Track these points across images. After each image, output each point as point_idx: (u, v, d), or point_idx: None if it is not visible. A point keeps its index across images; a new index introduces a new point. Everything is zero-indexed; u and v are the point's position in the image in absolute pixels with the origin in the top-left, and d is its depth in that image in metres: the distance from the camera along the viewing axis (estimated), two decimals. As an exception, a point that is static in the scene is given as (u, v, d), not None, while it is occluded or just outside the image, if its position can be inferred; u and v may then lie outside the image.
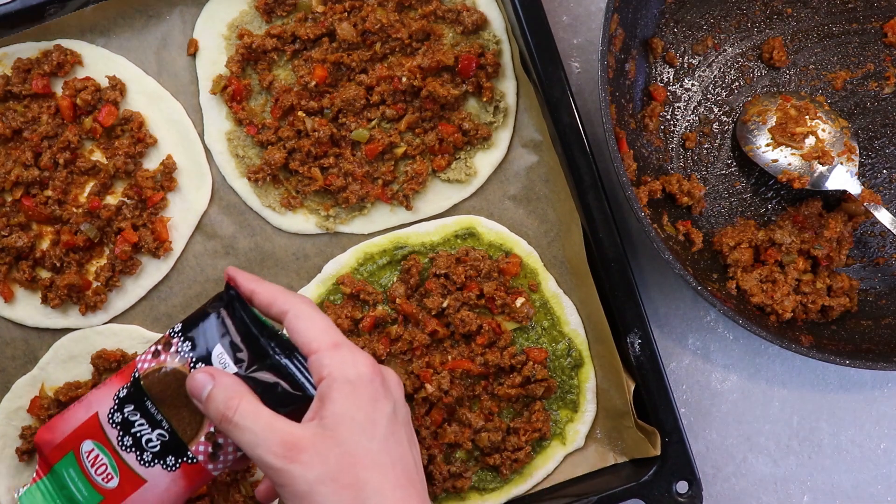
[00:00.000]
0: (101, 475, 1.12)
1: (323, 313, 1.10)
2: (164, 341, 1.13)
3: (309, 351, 1.05)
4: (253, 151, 1.45)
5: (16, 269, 1.43)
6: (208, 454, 1.10)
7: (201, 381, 1.06)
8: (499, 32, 1.45)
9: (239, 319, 1.12)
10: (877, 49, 1.52)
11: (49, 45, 1.43)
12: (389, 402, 1.05)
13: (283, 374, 1.09)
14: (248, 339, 1.11)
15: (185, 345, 1.11)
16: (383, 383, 1.06)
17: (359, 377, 1.03)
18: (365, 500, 0.99)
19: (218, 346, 1.10)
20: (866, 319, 1.48)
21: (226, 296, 1.13)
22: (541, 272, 1.46)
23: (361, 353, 1.07)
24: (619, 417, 1.45)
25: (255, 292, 1.12)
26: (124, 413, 1.12)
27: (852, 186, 1.44)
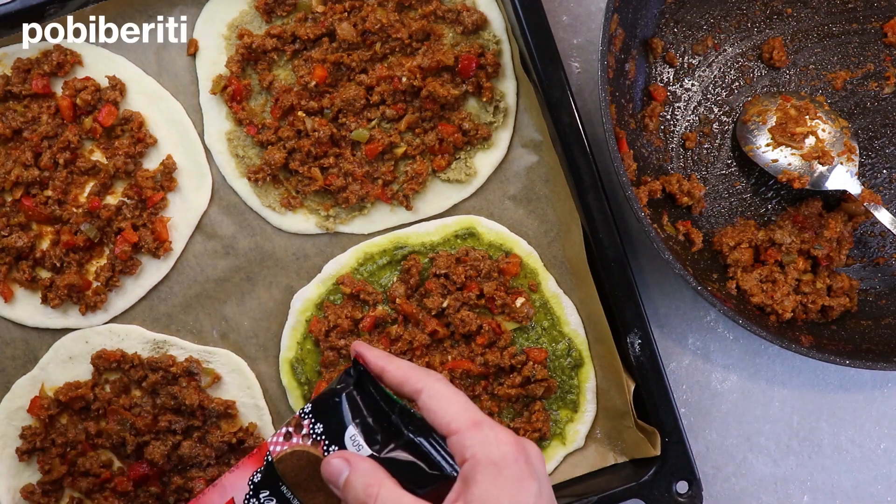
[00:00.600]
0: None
1: (457, 390, 1.06)
2: (295, 423, 1.11)
3: (448, 431, 1.02)
4: (253, 151, 1.45)
5: (16, 269, 1.43)
6: None
7: (337, 466, 1.03)
8: (499, 32, 1.45)
9: (369, 397, 1.09)
10: (877, 49, 1.52)
11: (49, 44, 1.43)
12: (534, 481, 1.00)
13: (419, 453, 1.05)
14: (380, 417, 1.08)
15: (317, 426, 1.09)
16: (527, 461, 1.01)
17: (503, 458, 0.99)
18: None
19: (350, 427, 1.07)
20: (866, 319, 1.48)
21: (354, 373, 1.11)
22: (541, 272, 1.46)
23: (503, 430, 1.02)
24: (619, 417, 1.45)
25: (385, 370, 1.09)
26: (260, 498, 1.11)
27: (852, 186, 1.44)
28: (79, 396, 1.41)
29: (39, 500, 1.42)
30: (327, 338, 1.43)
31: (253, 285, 1.46)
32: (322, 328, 1.43)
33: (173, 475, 1.43)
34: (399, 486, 1.00)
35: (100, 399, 1.42)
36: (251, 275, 1.46)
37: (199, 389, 1.43)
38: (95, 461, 1.42)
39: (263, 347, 1.46)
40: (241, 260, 1.46)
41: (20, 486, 1.43)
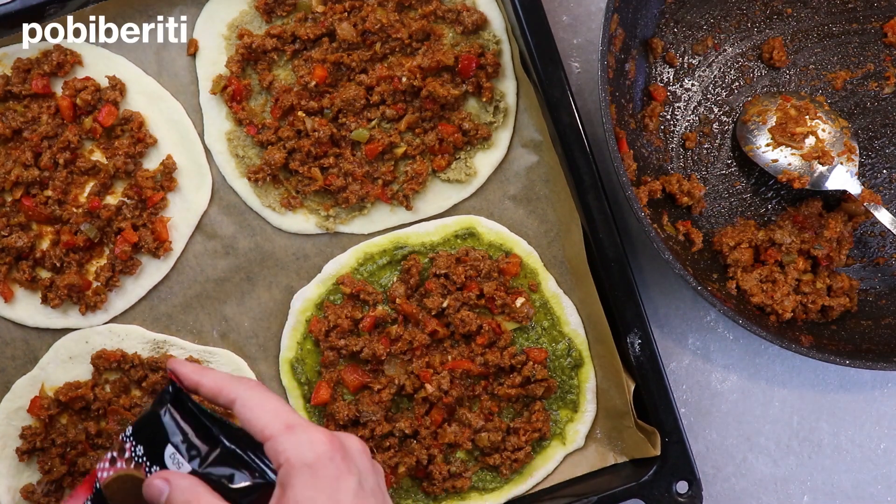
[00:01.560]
0: None
1: (272, 394, 1.07)
2: (119, 447, 1.10)
3: (263, 437, 1.02)
4: (253, 151, 1.45)
5: (16, 269, 1.43)
6: None
7: (157, 487, 1.03)
8: (499, 32, 1.45)
9: (187, 413, 1.09)
10: (877, 49, 1.52)
11: (49, 44, 1.43)
12: (353, 475, 1.01)
13: (240, 463, 1.05)
14: (200, 431, 1.08)
15: (137, 448, 1.09)
16: (344, 457, 1.02)
17: (317, 458, 1.00)
18: None
19: (169, 446, 1.07)
20: (866, 319, 1.48)
21: (172, 391, 1.11)
22: (541, 272, 1.46)
23: (317, 430, 1.02)
24: (619, 417, 1.45)
25: (199, 384, 1.09)
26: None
27: (852, 186, 1.44)
28: (79, 396, 1.41)
29: (39, 500, 1.42)
30: (327, 338, 1.43)
31: (253, 285, 1.46)
32: (322, 328, 1.43)
33: (173, 475, 1.43)
34: (220, 498, 1.01)
35: (100, 399, 1.42)
36: (251, 275, 1.46)
37: (199, 389, 1.43)
38: (95, 461, 1.42)
39: (263, 347, 1.46)
40: (241, 260, 1.46)
41: (20, 485, 1.43)
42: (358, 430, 1.42)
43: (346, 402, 1.43)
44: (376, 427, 1.42)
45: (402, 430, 1.42)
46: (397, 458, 1.43)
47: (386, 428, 1.42)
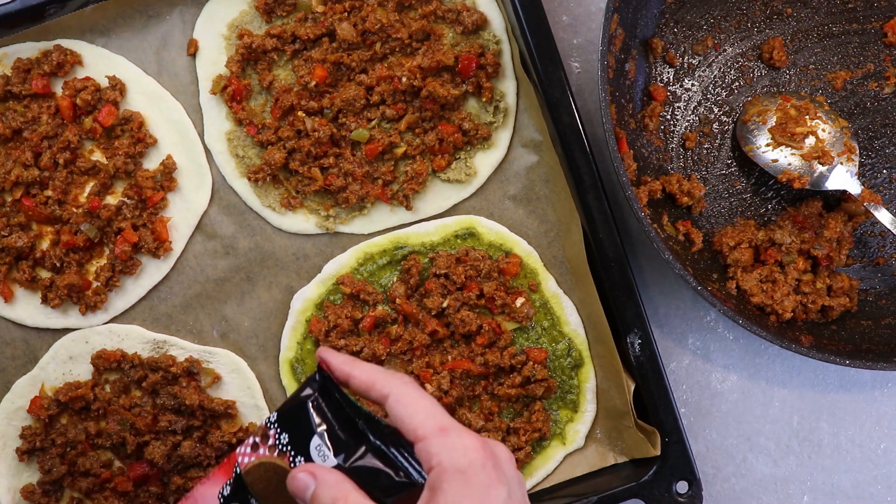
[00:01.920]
0: None
1: (426, 393, 1.04)
2: (262, 433, 1.09)
3: (415, 438, 0.99)
4: (253, 151, 1.45)
5: (16, 269, 1.43)
6: None
7: (304, 481, 1.01)
8: (499, 32, 1.45)
9: (335, 404, 1.07)
10: (877, 49, 1.52)
11: (49, 45, 1.43)
12: (503, 486, 0.98)
13: (386, 461, 1.03)
14: (346, 424, 1.06)
15: (282, 437, 1.07)
16: (496, 465, 0.99)
17: (470, 465, 0.97)
18: None
19: (315, 437, 1.05)
20: (866, 319, 1.48)
21: (319, 380, 1.09)
22: (541, 272, 1.46)
23: (470, 435, 1.00)
24: (619, 417, 1.45)
25: (351, 376, 1.06)
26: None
27: (852, 186, 1.44)
28: (79, 396, 1.41)
29: (39, 500, 1.42)
30: (327, 338, 1.43)
31: (253, 285, 1.46)
32: (322, 328, 1.43)
33: (173, 475, 1.43)
34: (366, 496, 0.99)
35: (100, 399, 1.42)
36: (251, 275, 1.46)
37: (199, 390, 1.43)
38: (95, 461, 1.42)
39: (263, 347, 1.46)
40: (241, 260, 1.46)
41: (20, 485, 1.43)
42: (358, 430, 1.42)
43: (346, 402, 1.43)
44: (376, 427, 1.42)
45: (402, 431, 1.42)
46: (397, 458, 1.43)
47: (386, 428, 1.42)
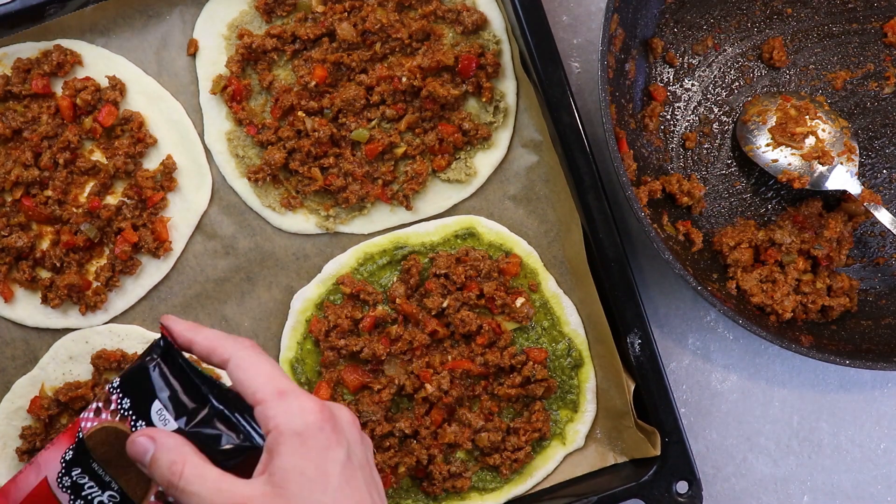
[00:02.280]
0: None
1: (267, 357, 1.04)
2: (104, 397, 1.07)
3: (254, 401, 1.00)
4: (253, 151, 1.45)
5: (16, 269, 1.43)
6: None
7: (142, 445, 1.00)
8: (499, 32, 1.45)
9: (177, 369, 1.06)
10: (877, 49, 1.52)
11: (49, 45, 1.43)
12: (342, 447, 0.99)
13: (229, 424, 1.02)
14: (189, 389, 1.05)
15: (124, 401, 1.06)
16: (334, 428, 0.99)
17: (306, 427, 0.97)
18: None
19: (157, 401, 1.04)
20: (866, 319, 1.48)
21: (163, 345, 1.08)
22: (541, 272, 1.46)
23: (309, 398, 1.00)
24: (619, 417, 1.45)
25: (193, 342, 1.06)
26: (72, 476, 1.07)
27: (852, 186, 1.44)
28: (79, 396, 1.41)
29: (40, 500, 1.42)
30: (327, 338, 1.43)
31: (253, 285, 1.46)
32: (322, 328, 1.43)
33: (173, 475, 1.43)
34: (206, 460, 0.99)
35: (100, 399, 1.42)
36: (251, 275, 1.46)
37: (199, 389, 1.43)
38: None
39: (263, 347, 1.45)
40: (241, 260, 1.46)
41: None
42: (358, 430, 1.42)
43: (346, 401, 1.43)
44: (376, 427, 1.42)
45: (402, 430, 1.42)
46: (397, 458, 1.43)
47: (386, 428, 1.42)
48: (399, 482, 1.44)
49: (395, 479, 1.43)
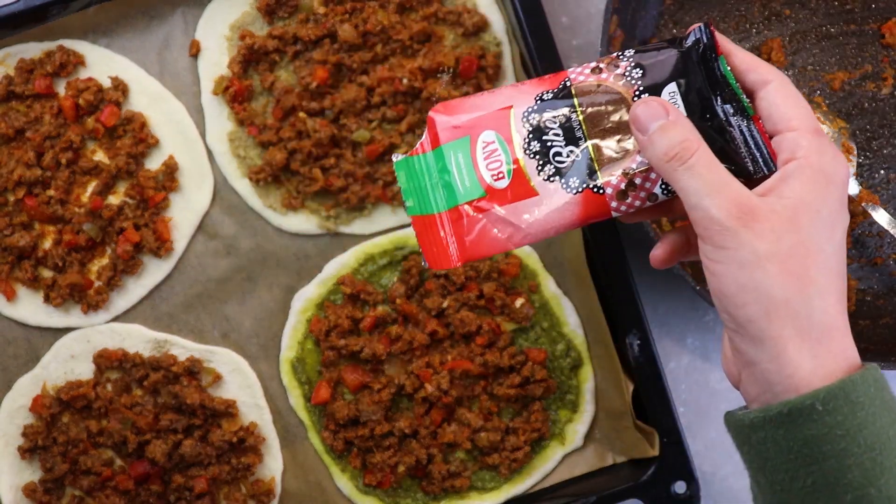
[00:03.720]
0: (491, 171, 0.98)
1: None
2: (609, 61, 0.98)
3: (787, 128, 0.90)
4: (254, 152, 1.45)
5: (18, 269, 1.44)
6: (618, 190, 0.95)
7: (656, 111, 0.91)
8: (499, 34, 1.45)
9: (708, 70, 0.96)
10: (874, 50, 1.52)
11: (52, 45, 1.44)
12: (848, 216, 0.90)
13: (728, 141, 0.94)
14: (700, 93, 0.95)
15: (635, 71, 0.96)
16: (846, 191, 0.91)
17: (836, 174, 0.88)
18: (810, 297, 0.85)
19: (672, 84, 0.96)
20: (864, 319, 1.48)
21: (698, 38, 0.97)
22: (540, 273, 1.46)
23: (842, 155, 0.91)
24: (617, 418, 1.45)
25: (732, 53, 0.96)
26: (542, 116, 0.98)
27: (850, 186, 1.44)
28: (80, 395, 1.42)
29: (41, 499, 1.42)
30: (327, 337, 1.43)
31: (254, 285, 1.46)
32: (322, 328, 1.43)
33: (174, 474, 1.43)
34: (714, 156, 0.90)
35: (101, 398, 1.43)
36: (252, 275, 1.46)
37: (200, 389, 1.44)
38: (97, 460, 1.42)
39: (264, 347, 1.47)
40: (243, 260, 1.46)
41: (22, 483, 1.43)
42: (358, 429, 1.43)
43: (346, 401, 1.44)
44: (376, 427, 1.42)
45: (401, 430, 1.42)
46: (397, 457, 1.43)
47: (385, 427, 1.42)
48: (398, 481, 1.45)
49: (395, 479, 1.44)
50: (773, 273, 0.84)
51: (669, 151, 0.89)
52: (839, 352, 0.86)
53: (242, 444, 1.43)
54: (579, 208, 0.96)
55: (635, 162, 0.95)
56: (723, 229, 0.86)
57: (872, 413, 0.83)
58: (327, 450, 1.46)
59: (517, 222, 0.97)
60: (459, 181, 0.98)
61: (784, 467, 0.86)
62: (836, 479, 0.84)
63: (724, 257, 0.86)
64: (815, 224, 0.86)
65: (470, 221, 0.98)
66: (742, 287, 0.86)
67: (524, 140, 0.97)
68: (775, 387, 0.86)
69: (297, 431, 1.47)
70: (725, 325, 0.90)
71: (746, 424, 0.89)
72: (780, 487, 0.88)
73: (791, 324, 0.85)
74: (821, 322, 0.85)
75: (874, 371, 0.85)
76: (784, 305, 0.84)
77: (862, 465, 0.83)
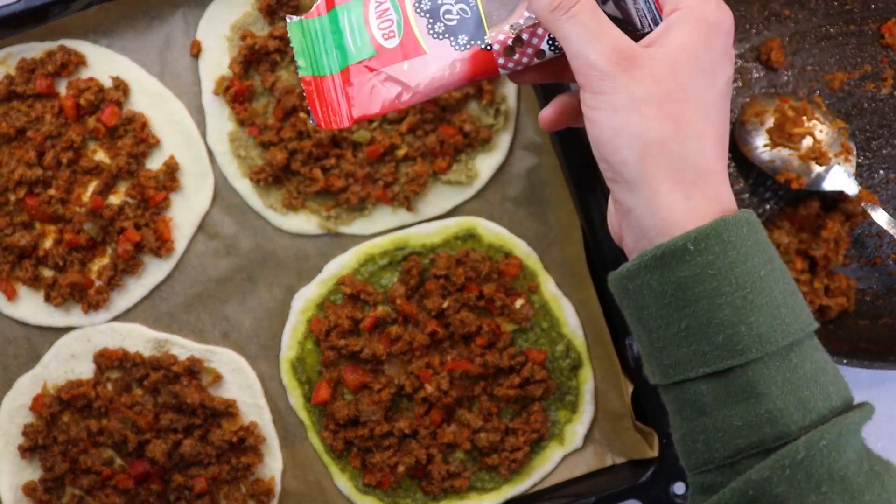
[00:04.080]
0: (382, 30, 0.98)
1: None
2: None
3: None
4: (255, 152, 1.46)
5: (19, 268, 1.44)
6: (505, 46, 0.95)
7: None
8: (499, 35, 1.45)
9: None
10: (874, 50, 1.53)
11: (53, 45, 1.44)
12: (732, 66, 0.90)
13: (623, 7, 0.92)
14: None
15: None
16: (731, 41, 0.90)
17: (719, 23, 0.87)
18: (685, 139, 0.85)
19: None
20: (864, 319, 1.48)
21: None
22: (540, 274, 1.46)
23: (726, 6, 0.90)
24: (617, 419, 1.45)
25: None
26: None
27: (849, 187, 1.44)
28: (80, 394, 1.42)
29: (41, 497, 1.42)
30: (327, 337, 1.43)
31: (254, 285, 1.47)
32: (322, 328, 1.43)
33: (174, 473, 1.43)
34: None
35: (101, 397, 1.43)
36: (252, 275, 1.47)
37: (201, 388, 1.44)
38: (97, 459, 1.42)
39: (264, 347, 1.47)
40: (243, 260, 1.47)
41: (22, 482, 1.44)
42: (357, 429, 1.43)
43: (346, 401, 1.44)
44: (376, 427, 1.42)
45: (401, 430, 1.42)
46: (396, 457, 1.43)
47: (385, 428, 1.42)
48: (398, 482, 1.45)
49: (395, 479, 1.44)
50: (649, 115, 0.84)
51: (551, 3, 0.88)
52: (713, 195, 0.86)
53: (242, 443, 1.43)
54: (468, 65, 0.97)
55: (523, 17, 0.94)
56: (601, 74, 0.85)
57: (744, 253, 0.83)
58: (327, 450, 1.46)
59: (406, 80, 0.98)
60: (352, 41, 0.99)
61: (659, 314, 0.86)
62: (708, 321, 0.84)
63: (601, 102, 0.86)
64: (696, 70, 0.86)
65: (361, 81, 0.99)
66: (617, 131, 0.85)
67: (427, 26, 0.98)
68: (650, 231, 0.86)
69: (296, 431, 1.47)
70: (604, 176, 0.89)
71: (624, 275, 0.88)
72: (657, 336, 0.87)
73: (665, 166, 0.85)
74: (696, 165, 0.85)
75: (748, 214, 0.85)
76: (658, 147, 0.84)
77: (733, 303, 0.82)
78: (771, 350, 0.83)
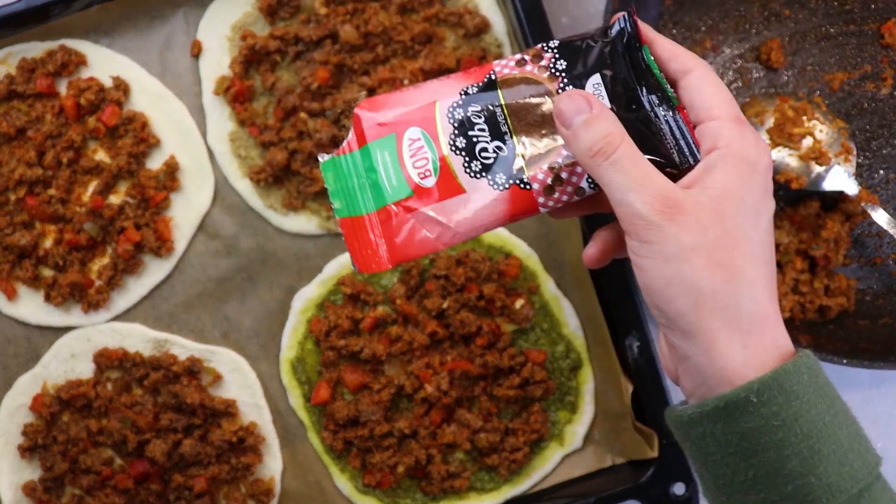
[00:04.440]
0: (418, 169, 0.96)
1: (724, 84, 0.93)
2: (534, 53, 0.96)
3: (708, 116, 0.89)
4: (255, 152, 1.46)
5: (19, 268, 1.44)
6: (545, 186, 0.93)
7: (579, 105, 0.89)
8: (500, 36, 1.46)
9: (624, 59, 0.95)
10: (874, 50, 1.53)
11: (54, 44, 1.44)
12: (773, 203, 0.90)
13: (654, 132, 0.93)
14: (625, 84, 0.94)
15: (559, 62, 0.95)
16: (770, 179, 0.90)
17: (759, 161, 0.87)
18: (737, 287, 0.84)
19: (597, 75, 0.94)
20: (864, 319, 1.48)
21: (622, 27, 0.95)
22: (540, 274, 1.46)
23: (764, 142, 0.91)
24: (617, 419, 1.45)
25: (655, 41, 0.94)
26: (468, 112, 0.96)
27: (849, 187, 1.44)
28: (80, 394, 1.42)
29: (41, 497, 1.42)
30: (328, 337, 1.43)
31: (254, 285, 1.47)
32: (322, 328, 1.43)
33: (174, 473, 1.43)
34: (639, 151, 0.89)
35: (101, 397, 1.43)
36: (252, 275, 1.47)
37: (200, 388, 1.44)
38: (97, 459, 1.42)
39: (264, 347, 1.47)
40: (243, 260, 1.47)
41: (22, 482, 1.44)
42: (357, 429, 1.43)
43: (346, 401, 1.44)
44: (375, 427, 1.42)
45: (401, 430, 1.42)
46: (396, 457, 1.43)
47: (385, 428, 1.42)
48: (398, 482, 1.44)
49: (394, 479, 1.44)
50: (700, 265, 0.84)
51: (593, 146, 0.88)
52: (770, 341, 0.86)
53: (242, 443, 1.43)
54: (507, 204, 0.95)
55: (561, 156, 0.93)
56: (648, 224, 0.85)
57: (807, 401, 0.83)
58: (327, 450, 1.46)
59: (446, 221, 0.96)
60: (387, 180, 0.96)
61: (725, 461, 0.86)
62: (775, 471, 0.83)
63: (650, 252, 0.85)
64: (740, 213, 0.86)
65: (399, 222, 0.96)
66: (669, 281, 0.85)
67: (450, 136, 0.96)
68: (709, 380, 0.86)
69: (296, 431, 1.47)
70: (657, 321, 0.89)
71: (685, 420, 0.88)
72: (723, 482, 0.87)
73: (720, 315, 0.84)
74: (750, 312, 0.85)
75: (807, 358, 0.85)
76: (712, 297, 0.84)
77: (800, 454, 0.82)
78: (842, 500, 0.83)
